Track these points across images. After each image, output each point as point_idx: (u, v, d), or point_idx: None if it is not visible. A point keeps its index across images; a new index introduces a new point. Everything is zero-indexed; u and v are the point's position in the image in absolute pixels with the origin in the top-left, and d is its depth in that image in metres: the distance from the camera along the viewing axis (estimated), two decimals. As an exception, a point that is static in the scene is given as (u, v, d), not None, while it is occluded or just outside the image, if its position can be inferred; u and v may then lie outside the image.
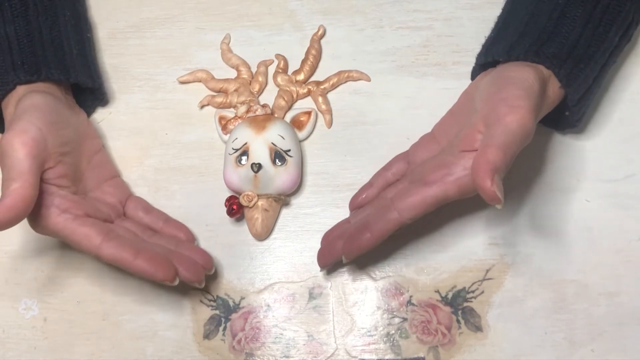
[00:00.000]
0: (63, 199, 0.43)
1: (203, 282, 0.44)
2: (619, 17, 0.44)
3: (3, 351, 0.48)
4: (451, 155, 0.42)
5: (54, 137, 0.43)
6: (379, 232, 0.42)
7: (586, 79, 0.44)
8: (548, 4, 0.45)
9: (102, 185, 0.48)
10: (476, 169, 0.37)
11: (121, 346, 0.47)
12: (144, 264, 0.41)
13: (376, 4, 0.56)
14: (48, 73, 0.47)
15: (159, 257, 0.42)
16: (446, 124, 0.47)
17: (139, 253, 0.41)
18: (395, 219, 0.42)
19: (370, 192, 0.48)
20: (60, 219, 0.42)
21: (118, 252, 0.41)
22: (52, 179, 0.43)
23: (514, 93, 0.40)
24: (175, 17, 0.57)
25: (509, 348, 0.46)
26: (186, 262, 0.43)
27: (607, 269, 0.47)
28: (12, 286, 0.49)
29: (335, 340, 0.47)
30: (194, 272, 0.43)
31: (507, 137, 0.38)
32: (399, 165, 0.48)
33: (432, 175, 0.41)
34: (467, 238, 0.48)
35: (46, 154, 0.42)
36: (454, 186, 0.41)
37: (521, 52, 0.43)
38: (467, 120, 0.43)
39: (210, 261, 0.46)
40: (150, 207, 0.49)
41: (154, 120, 0.53)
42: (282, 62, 0.54)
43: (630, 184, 0.49)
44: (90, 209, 0.44)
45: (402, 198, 0.42)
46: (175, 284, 0.42)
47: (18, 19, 0.48)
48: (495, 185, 0.37)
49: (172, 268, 0.42)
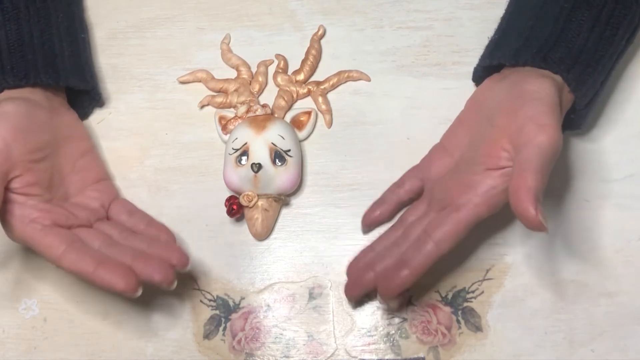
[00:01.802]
0: (31, 208, 0.42)
1: (174, 283, 0.42)
2: (625, 20, 0.44)
3: (3, 351, 0.48)
4: (475, 174, 0.41)
5: (22, 144, 0.43)
6: (418, 268, 0.41)
7: (594, 83, 0.44)
8: (553, 8, 0.44)
9: (86, 190, 0.47)
10: (518, 197, 0.37)
11: (121, 346, 0.47)
12: (104, 275, 0.40)
13: (376, 4, 0.56)
14: (37, 77, 0.46)
15: (120, 267, 0.41)
16: (456, 134, 0.46)
17: (99, 264, 0.40)
18: (433, 251, 0.41)
19: (384, 209, 0.47)
20: (27, 228, 0.42)
21: (78, 263, 0.41)
22: (20, 188, 0.43)
23: (540, 110, 0.40)
24: (175, 17, 0.57)
25: (509, 348, 0.46)
26: (153, 263, 0.41)
27: (607, 269, 0.47)
28: (12, 286, 0.49)
29: (335, 341, 0.47)
30: (160, 272, 0.41)
31: (542, 159, 0.38)
32: (412, 182, 0.47)
33: (460, 198, 0.41)
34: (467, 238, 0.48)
35: (10, 163, 0.42)
36: (484, 207, 0.41)
37: (528, 57, 0.43)
38: (481, 132, 0.43)
39: (184, 258, 0.43)
40: (134, 209, 0.49)
41: (154, 120, 0.53)
42: (282, 62, 0.54)
43: (630, 184, 0.49)
44: (60, 217, 0.43)
45: (436, 228, 0.41)
46: (136, 295, 0.40)
47: (9, 23, 0.47)
48: (540, 213, 0.36)
49: (133, 278, 0.40)
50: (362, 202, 0.48)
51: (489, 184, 0.41)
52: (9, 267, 0.50)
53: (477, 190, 0.41)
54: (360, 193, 0.50)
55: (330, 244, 0.49)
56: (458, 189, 0.42)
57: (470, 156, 0.43)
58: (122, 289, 0.40)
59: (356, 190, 0.50)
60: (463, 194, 0.41)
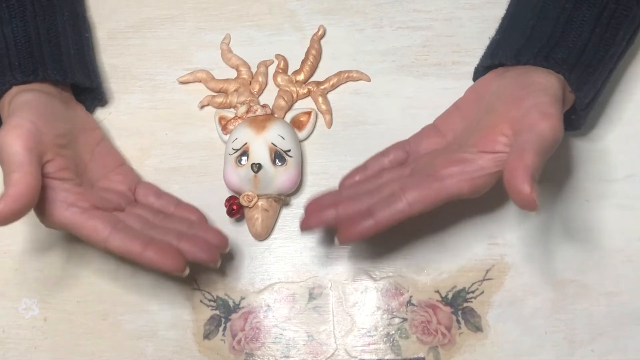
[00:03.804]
0: (68, 192, 0.42)
1: (219, 261, 0.43)
2: (626, 20, 0.44)
3: (3, 351, 0.48)
4: (467, 153, 0.41)
5: (49, 129, 0.43)
6: (384, 221, 0.40)
7: (595, 83, 0.44)
8: (554, 8, 0.44)
9: (109, 174, 0.48)
10: (513, 173, 0.37)
11: (121, 346, 0.47)
12: (152, 255, 0.41)
13: (376, 4, 0.56)
14: (45, 74, 0.47)
15: (168, 247, 0.41)
16: (451, 118, 0.46)
17: (147, 244, 0.41)
18: (404, 209, 0.40)
19: (364, 175, 0.46)
20: (68, 213, 0.42)
21: (126, 244, 0.41)
22: (54, 173, 0.43)
23: (545, 100, 0.40)
24: (175, 17, 0.57)
25: (509, 348, 0.46)
26: (200, 243, 0.42)
27: (607, 269, 0.47)
28: (12, 286, 0.49)
29: (335, 341, 0.47)
30: (207, 252, 0.42)
31: (542, 144, 0.38)
32: (397, 153, 0.46)
33: (446, 170, 0.41)
34: (467, 238, 0.48)
35: (43, 146, 0.42)
36: (468, 184, 0.40)
37: (530, 57, 0.43)
38: (479, 118, 0.43)
39: (225, 240, 0.44)
40: (160, 191, 0.49)
41: (154, 120, 0.53)
42: (282, 62, 0.54)
43: (630, 184, 0.49)
44: (97, 199, 0.43)
45: (413, 189, 0.40)
46: (185, 274, 0.41)
47: (15, 20, 0.48)
48: (534, 191, 0.36)
49: (181, 258, 0.41)
50: (362, 202, 0.48)
51: (480, 164, 0.40)
52: (9, 267, 0.50)
53: (465, 167, 0.40)
54: (360, 193, 0.50)
55: (330, 244, 0.49)
56: (445, 162, 0.41)
57: (463, 139, 0.43)
58: (172, 269, 0.41)
59: (356, 190, 0.50)
60: (449, 167, 0.41)
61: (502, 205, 0.49)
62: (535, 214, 0.37)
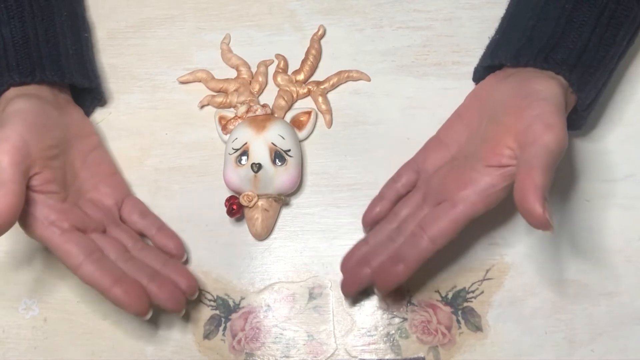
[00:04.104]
0: (50, 209, 0.42)
1: (182, 311, 0.44)
2: (627, 21, 0.44)
3: (3, 351, 0.48)
4: (474, 171, 0.41)
5: (38, 141, 0.43)
6: (413, 263, 0.41)
7: (596, 84, 0.44)
8: (554, 8, 0.44)
9: (99, 185, 0.48)
10: (524, 194, 0.37)
11: (121, 346, 0.47)
12: (119, 294, 0.41)
13: (376, 4, 0.56)
14: (42, 75, 0.46)
15: (136, 288, 0.42)
16: (454, 128, 0.46)
17: (116, 281, 0.41)
18: (429, 247, 0.41)
19: (383, 205, 0.47)
20: (47, 232, 0.42)
21: (96, 277, 0.41)
22: (39, 186, 0.42)
23: (547, 109, 0.40)
24: (175, 17, 0.57)
25: (509, 348, 0.46)
26: (168, 290, 0.43)
27: (607, 269, 0.47)
28: (12, 286, 0.49)
29: (335, 340, 0.47)
30: (173, 302, 0.43)
31: (548, 158, 0.38)
32: (408, 175, 0.47)
33: (458, 193, 0.41)
34: (467, 238, 0.48)
35: (30, 160, 0.42)
36: (483, 204, 0.41)
37: (530, 58, 0.43)
38: (483, 128, 0.43)
39: (194, 285, 0.45)
40: (146, 211, 0.49)
41: (154, 120, 0.53)
42: (282, 62, 0.54)
43: (631, 184, 0.49)
44: (78, 219, 0.43)
45: (432, 225, 0.41)
46: (146, 318, 0.42)
47: (14, 20, 0.47)
48: (546, 211, 0.36)
49: (146, 302, 0.42)
50: (362, 202, 0.48)
51: (488, 181, 0.41)
52: (9, 267, 0.50)
53: (475, 187, 0.41)
54: (360, 193, 0.50)
55: (330, 244, 0.49)
56: (455, 184, 0.42)
57: (469, 151, 0.43)
58: (135, 311, 0.41)
59: (356, 190, 0.50)
60: (461, 189, 0.41)
61: (502, 206, 0.49)
62: (550, 234, 0.36)
